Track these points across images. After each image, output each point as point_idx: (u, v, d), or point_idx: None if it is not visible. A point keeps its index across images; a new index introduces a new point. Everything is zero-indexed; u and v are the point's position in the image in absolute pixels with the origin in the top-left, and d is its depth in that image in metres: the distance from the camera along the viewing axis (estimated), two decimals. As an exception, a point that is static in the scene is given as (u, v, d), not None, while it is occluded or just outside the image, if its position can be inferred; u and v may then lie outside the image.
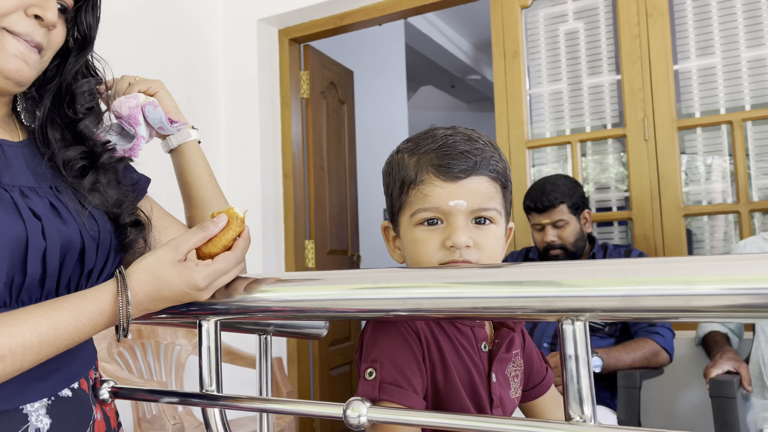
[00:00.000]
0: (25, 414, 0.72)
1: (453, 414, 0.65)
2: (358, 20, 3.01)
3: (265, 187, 3.06)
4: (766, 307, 0.50)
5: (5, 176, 0.76)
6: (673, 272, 0.54)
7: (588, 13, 2.60)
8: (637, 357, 1.89)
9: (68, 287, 0.78)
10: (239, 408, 0.75)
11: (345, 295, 0.70)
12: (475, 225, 0.77)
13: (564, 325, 0.59)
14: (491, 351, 0.80)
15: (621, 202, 2.56)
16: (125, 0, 2.67)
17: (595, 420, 0.58)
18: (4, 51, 0.76)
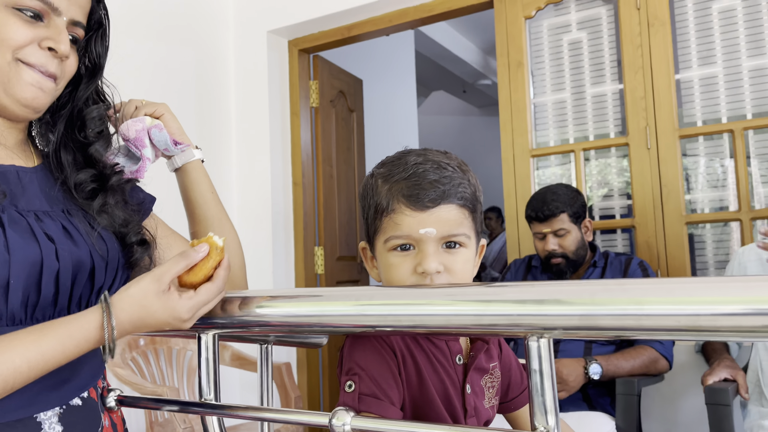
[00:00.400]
0: (38, 422, 0.77)
1: (429, 424, 0.69)
2: (365, 31, 3.06)
3: (275, 195, 3.13)
4: (706, 329, 0.54)
5: (21, 202, 0.81)
6: (625, 293, 0.58)
7: (591, 24, 2.63)
8: (636, 364, 1.92)
9: (79, 304, 0.83)
10: (234, 416, 0.80)
11: (331, 311, 0.75)
12: (446, 249, 0.81)
13: (530, 342, 0.64)
14: (466, 364, 0.85)
15: (624, 210, 2.58)
16: (140, 16, 2.75)
17: (558, 430, 0.63)
18: (21, 81, 0.82)
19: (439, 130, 7.35)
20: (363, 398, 0.75)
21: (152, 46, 2.79)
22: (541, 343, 0.63)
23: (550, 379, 0.63)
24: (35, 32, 0.82)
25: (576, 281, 0.64)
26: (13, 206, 0.80)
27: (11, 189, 0.81)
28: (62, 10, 0.84)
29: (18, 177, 0.84)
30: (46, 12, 0.82)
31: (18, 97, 0.83)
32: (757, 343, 1.88)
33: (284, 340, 1.20)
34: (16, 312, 0.76)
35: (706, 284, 0.56)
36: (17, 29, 0.80)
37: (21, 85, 0.82)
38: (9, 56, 0.81)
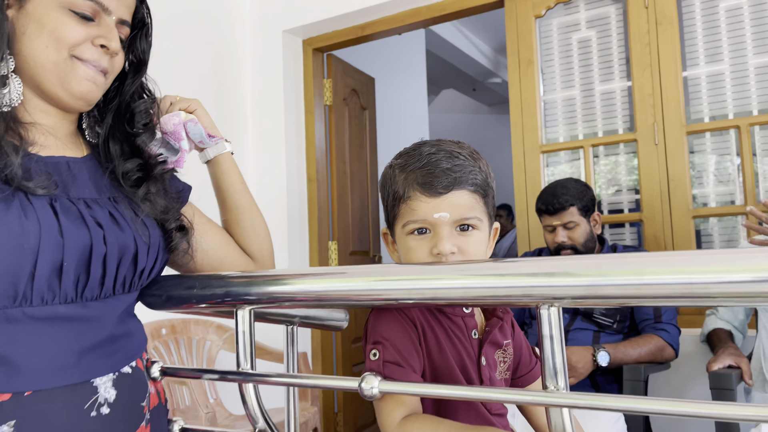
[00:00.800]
0: (95, 386, 0.85)
1: (451, 386, 0.77)
2: (378, 30, 3.13)
3: (291, 191, 3.21)
4: (699, 295, 0.61)
5: (72, 190, 0.89)
6: (627, 266, 0.65)
7: (600, 22, 2.69)
8: (643, 352, 1.98)
9: (123, 284, 0.91)
10: (269, 383, 0.88)
11: (358, 285, 0.82)
12: (459, 232, 0.88)
13: (541, 310, 0.71)
14: (481, 339, 0.92)
15: (632, 204, 2.64)
16: (159, 16, 2.82)
17: (567, 389, 0.70)
18: (77, 76, 0.90)
19: (449, 127, 7.40)
20: (387, 365, 0.83)
21: (171, 46, 2.87)
22: (551, 311, 0.70)
23: (559, 343, 0.70)
24: (88, 31, 0.89)
25: (582, 256, 0.70)
26: (64, 194, 0.87)
27: (62, 179, 0.89)
28: (112, 9, 0.91)
29: (69, 167, 0.92)
30: (98, 12, 0.90)
31: (74, 91, 0.90)
32: (762, 331, 1.94)
33: (308, 322, 1.27)
34: (69, 291, 0.83)
35: (699, 256, 0.63)
36: (72, 28, 0.88)
37: (77, 80, 0.90)
38: (65, 53, 0.88)
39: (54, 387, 0.81)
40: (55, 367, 0.82)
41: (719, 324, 2.10)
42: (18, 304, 0.80)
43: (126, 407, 0.89)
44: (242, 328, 0.91)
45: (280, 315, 1.18)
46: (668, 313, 2.07)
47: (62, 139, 0.95)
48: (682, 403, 0.64)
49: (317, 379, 0.86)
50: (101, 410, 0.85)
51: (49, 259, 0.81)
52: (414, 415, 0.80)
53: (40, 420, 0.80)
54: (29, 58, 0.88)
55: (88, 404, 0.84)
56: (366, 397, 0.78)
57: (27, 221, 0.80)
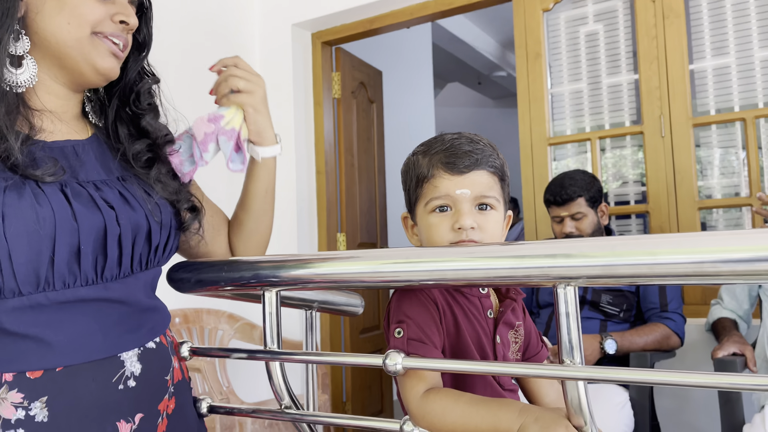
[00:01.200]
0: (121, 360, 0.89)
1: (471, 361, 0.81)
2: (387, 24, 3.16)
3: (300, 183, 3.25)
4: (709, 274, 0.65)
5: (81, 174, 0.91)
6: (640, 246, 0.69)
7: (607, 16, 2.72)
8: (649, 340, 2.03)
9: (141, 263, 0.94)
10: (296, 360, 0.92)
11: (384, 268, 0.86)
12: (479, 211, 0.93)
13: (558, 289, 0.75)
14: (496, 318, 0.96)
15: (638, 196, 2.68)
16: (169, 8, 2.87)
17: (582, 363, 0.74)
18: (99, 52, 0.92)
19: (455, 121, 7.43)
20: (410, 342, 0.87)
21: (180, 38, 2.90)
22: (567, 290, 0.74)
23: (575, 320, 0.74)
24: (107, 8, 0.92)
25: (597, 238, 0.74)
26: (74, 179, 0.89)
27: (70, 163, 0.91)
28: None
29: (75, 151, 0.93)
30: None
31: (98, 66, 0.92)
32: (766, 320, 1.98)
33: (326, 307, 1.32)
34: (89, 273, 0.86)
35: (708, 237, 0.67)
36: (92, 6, 0.91)
37: (100, 56, 0.92)
38: (88, 30, 0.91)
39: (83, 362, 0.85)
40: (82, 343, 0.85)
41: (724, 313, 2.14)
42: (41, 290, 0.83)
43: (151, 380, 0.92)
44: (269, 310, 0.95)
45: (300, 300, 1.22)
46: (674, 302, 2.11)
47: (68, 122, 0.96)
48: (691, 375, 0.68)
49: (342, 357, 0.91)
50: (128, 383, 0.89)
51: (67, 243, 0.83)
52: (435, 388, 0.85)
53: (71, 394, 0.84)
54: (50, 36, 0.89)
55: (115, 377, 0.87)
56: (390, 373, 0.82)
57: (41, 208, 0.82)
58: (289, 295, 1.10)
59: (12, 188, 0.82)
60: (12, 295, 0.82)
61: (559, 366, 0.74)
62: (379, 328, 3.79)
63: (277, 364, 0.94)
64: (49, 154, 0.88)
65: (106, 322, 0.88)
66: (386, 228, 3.92)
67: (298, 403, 0.98)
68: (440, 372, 0.87)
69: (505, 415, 0.77)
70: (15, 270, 0.81)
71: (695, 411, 2.31)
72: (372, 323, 3.69)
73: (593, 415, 0.75)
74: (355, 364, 0.85)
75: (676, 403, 2.33)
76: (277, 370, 0.95)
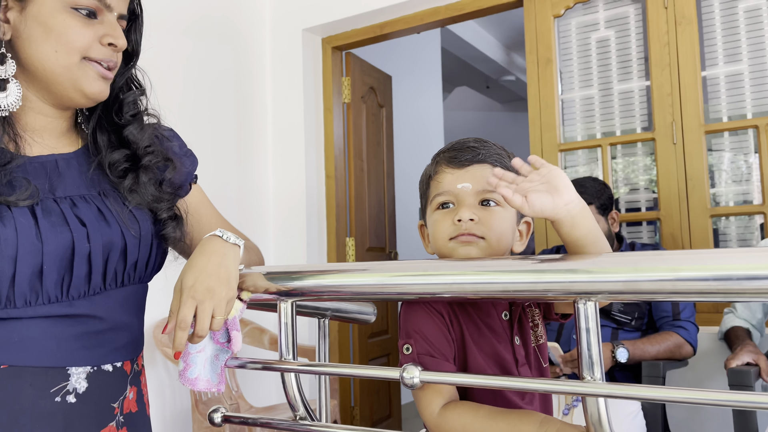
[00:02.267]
0: (68, 373, 0.87)
1: (489, 376, 0.80)
2: (397, 29, 3.17)
3: (309, 188, 3.25)
4: (734, 291, 0.64)
5: (59, 189, 0.90)
6: (663, 262, 0.69)
7: (618, 22, 2.71)
8: (661, 349, 2.01)
9: (115, 279, 0.92)
10: (313, 372, 0.92)
11: (399, 280, 0.86)
12: (482, 207, 0.92)
13: (579, 305, 0.74)
14: (510, 318, 0.94)
15: (650, 202, 2.66)
16: (182, 15, 2.88)
17: (603, 379, 0.73)
18: (88, 77, 0.91)
19: (463, 125, 7.43)
20: (420, 357, 0.86)
21: (193, 43, 2.92)
22: (588, 305, 0.74)
23: (596, 336, 0.73)
24: (94, 30, 0.90)
25: (618, 253, 0.74)
26: (50, 195, 0.88)
27: (50, 178, 0.90)
28: (113, 6, 0.92)
29: (56, 165, 0.92)
30: (100, 9, 0.91)
31: (87, 92, 0.91)
32: (779, 330, 1.96)
33: (338, 316, 1.31)
34: (51, 292, 0.85)
35: (733, 254, 0.66)
36: (79, 31, 0.89)
37: (89, 81, 0.91)
38: (77, 57, 0.89)
39: (27, 365, 0.84)
40: (33, 347, 0.85)
41: (737, 322, 2.13)
42: (2, 307, 0.83)
43: (94, 402, 0.89)
44: (285, 320, 0.95)
45: (313, 308, 1.22)
46: (686, 311, 2.09)
47: (55, 137, 0.95)
48: (714, 393, 0.68)
49: (359, 369, 0.90)
50: (67, 398, 0.86)
51: (29, 263, 0.83)
52: (453, 402, 0.84)
53: (5, 394, 0.83)
54: (37, 63, 0.88)
55: (55, 388, 0.86)
56: (407, 386, 0.82)
57: (4, 229, 0.82)
58: (303, 304, 1.10)
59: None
60: None
61: (580, 382, 0.73)
62: (388, 332, 3.78)
63: (293, 375, 0.94)
64: (27, 173, 0.88)
65: (64, 334, 0.87)
66: (395, 232, 3.92)
67: (313, 414, 0.97)
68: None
69: (525, 428, 0.77)
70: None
71: (707, 420, 2.30)
72: (380, 328, 3.69)
73: (613, 430, 0.74)
74: (372, 377, 0.85)
75: (687, 413, 2.31)
76: (292, 381, 0.94)
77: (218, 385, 0.98)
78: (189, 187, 1.08)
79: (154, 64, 1.28)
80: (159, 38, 2.96)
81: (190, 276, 0.88)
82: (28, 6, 0.88)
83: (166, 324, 0.87)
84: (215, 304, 0.86)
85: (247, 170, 3.17)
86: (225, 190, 3.03)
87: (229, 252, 0.93)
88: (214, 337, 0.94)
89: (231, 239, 0.95)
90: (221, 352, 0.97)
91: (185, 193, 1.07)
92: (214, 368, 0.97)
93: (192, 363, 0.92)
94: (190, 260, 0.92)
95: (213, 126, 3.00)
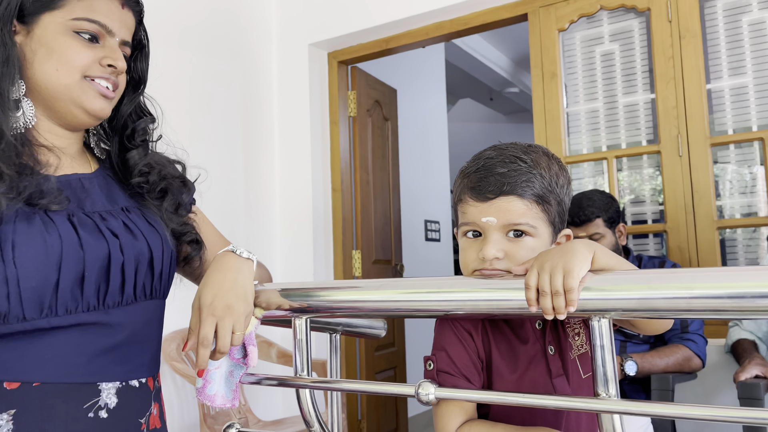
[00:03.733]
0: (99, 389, 0.89)
1: (503, 392, 0.81)
2: (402, 43, 3.19)
3: (316, 201, 3.26)
4: (748, 309, 0.65)
5: (87, 204, 0.94)
6: (677, 280, 0.69)
7: (623, 36, 2.73)
8: (670, 362, 2.01)
9: (144, 290, 0.95)
10: (327, 389, 0.92)
11: (414, 297, 0.87)
12: (511, 238, 0.88)
13: (593, 322, 0.75)
14: (543, 328, 0.92)
15: (656, 215, 2.67)
16: (190, 30, 2.91)
17: (618, 396, 0.74)
18: (89, 95, 0.94)
19: (468, 138, 7.44)
20: (440, 374, 0.87)
21: (201, 58, 2.95)
22: (602, 322, 0.75)
23: (610, 353, 0.74)
24: (95, 53, 0.94)
25: (632, 270, 0.75)
26: (80, 209, 0.92)
27: (77, 195, 0.94)
28: (115, 31, 0.96)
29: (81, 183, 0.97)
30: (102, 34, 0.95)
31: (88, 108, 0.95)
32: (788, 342, 1.96)
33: (350, 331, 1.32)
34: (91, 300, 0.88)
35: (746, 272, 0.67)
36: (80, 51, 0.93)
37: (89, 99, 0.94)
38: (78, 76, 0.93)
39: (61, 382, 0.86)
40: (65, 364, 0.86)
41: (743, 335, 2.12)
42: (44, 315, 0.85)
43: (124, 417, 0.91)
44: (299, 337, 0.96)
45: (325, 324, 1.23)
46: (695, 324, 2.09)
47: (72, 158, 1.00)
48: (730, 410, 0.68)
49: (374, 385, 0.91)
50: (99, 413, 0.89)
51: (72, 270, 0.86)
52: (470, 420, 0.85)
53: (40, 411, 0.84)
54: (40, 82, 0.92)
55: (88, 404, 0.88)
56: (423, 402, 0.83)
57: (49, 236, 0.85)
58: (315, 319, 1.11)
59: (22, 217, 0.85)
60: (16, 321, 0.84)
61: (595, 399, 0.74)
62: (395, 345, 3.78)
63: (308, 391, 0.95)
64: (57, 186, 0.91)
65: (95, 348, 0.89)
66: (401, 245, 3.92)
67: (327, 429, 0.98)
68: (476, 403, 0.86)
69: (539, 446, 0.77)
70: (22, 295, 0.83)
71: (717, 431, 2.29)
72: (387, 341, 3.69)
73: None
74: (388, 393, 0.86)
75: (696, 425, 2.31)
76: (307, 397, 0.95)
77: (232, 401, 0.99)
78: (191, 207, 1.12)
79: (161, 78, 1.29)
80: (166, 53, 3.00)
81: (209, 293, 0.90)
82: (34, 29, 0.93)
83: (186, 341, 0.89)
84: (234, 320, 0.88)
85: (254, 183, 3.19)
86: (232, 203, 3.04)
87: (243, 267, 0.95)
88: (230, 353, 0.95)
89: (244, 254, 0.97)
90: (236, 368, 0.99)
91: (190, 213, 1.11)
92: (229, 384, 0.98)
93: (211, 380, 0.93)
94: (206, 277, 0.93)
95: (220, 140, 3.02)
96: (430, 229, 4.80)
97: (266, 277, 1.09)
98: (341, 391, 0.94)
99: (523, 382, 0.88)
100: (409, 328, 4.12)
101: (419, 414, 4.35)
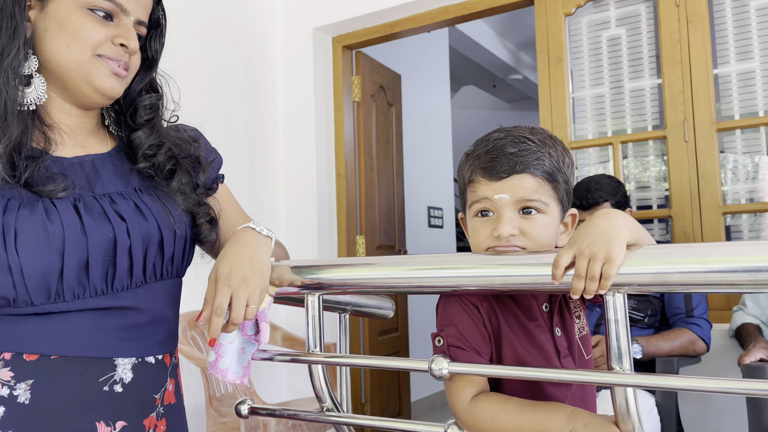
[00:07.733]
0: (115, 364, 0.90)
1: (516, 367, 0.82)
2: (407, 28, 3.18)
3: (320, 186, 3.27)
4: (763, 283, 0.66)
5: (97, 187, 0.94)
6: (692, 254, 0.70)
7: (630, 20, 2.72)
8: (675, 345, 2.02)
9: (154, 272, 0.95)
10: (337, 364, 0.93)
11: (428, 273, 0.87)
12: (523, 215, 0.89)
13: (607, 297, 0.75)
14: (551, 310, 0.94)
15: (661, 200, 2.67)
16: (194, 14, 2.90)
17: (631, 370, 0.75)
18: (100, 73, 0.93)
19: (471, 124, 7.43)
20: (450, 349, 0.87)
21: (205, 43, 2.94)
22: (616, 297, 0.75)
23: (624, 327, 0.75)
24: (108, 31, 0.93)
25: (647, 246, 0.75)
26: (89, 193, 0.92)
27: (87, 177, 0.94)
28: (130, 10, 0.95)
29: (93, 165, 0.96)
30: (116, 12, 0.94)
31: (98, 87, 0.93)
32: (793, 326, 1.97)
33: (358, 311, 1.33)
34: (98, 284, 0.89)
35: (763, 246, 0.67)
36: (92, 29, 0.92)
37: (100, 77, 0.93)
38: (89, 53, 0.92)
39: (77, 355, 0.87)
40: (82, 338, 0.88)
41: (747, 319, 2.13)
42: (52, 301, 0.86)
43: (139, 392, 0.93)
44: (312, 313, 0.97)
45: (334, 303, 1.24)
46: (700, 308, 2.10)
47: (84, 137, 0.99)
48: (742, 383, 0.69)
49: (388, 361, 0.92)
50: (114, 387, 0.90)
51: (75, 257, 0.86)
52: (483, 393, 0.85)
53: (56, 383, 0.86)
54: (52, 58, 0.92)
55: (103, 378, 0.89)
56: (436, 377, 0.83)
57: (51, 225, 0.85)
58: (326, 298, 1.12)
59: (26, 205, 0.85)
60: (25, 305, 0.86)
61: (608, 372, 0.75)
62: (398, 330, 3.80)
63: (320, 367, 0.96)
64: (66, 170, 0.91)
65: (110, 325, 0.90)
66: (404, 231, 3.93)
67: (339, 406, 0.99)
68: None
69: (554, 422, 0.78)
70: (27, 283, 0.84)
71: (719, 416, 2.30)
72: (391, 325, 3.71)
73: (642, 420, 0.75)
74: (401, 368, 0.86)
75: (700, 408, 2.32)
76: (319, 373, 0.96)
77: (243, 377, 1.00)
78: (216, 186, 1.11)
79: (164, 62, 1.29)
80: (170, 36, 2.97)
81: (225, 265, 0.90)
82: (48, 5, 0.92)
83: (200, 312, 0.89)
84: (249, 293, 0.88)
85: (259, 169, 3.19)
86: (236, 189, 3.02)
87: (261, 243, 0.95)
88: (242, 328, 0.96)
89: (264, 231, 0.97)
90: (248, 344, 0.99)
91: (213, 192, 1.10)
92: (241, 361, 0.99)
93: (223, 354, 0.94)
94: (225, 250, 0.94)
95: (224, 125, 3.02)
96: (433, 216, 4.80)
97: (284, 255, 1.09)
98: (354, 366, 0.95)
99: (534, 358, 0.89)
100: (412, 312, 4.14)
101: (423, 398, 4.37)
